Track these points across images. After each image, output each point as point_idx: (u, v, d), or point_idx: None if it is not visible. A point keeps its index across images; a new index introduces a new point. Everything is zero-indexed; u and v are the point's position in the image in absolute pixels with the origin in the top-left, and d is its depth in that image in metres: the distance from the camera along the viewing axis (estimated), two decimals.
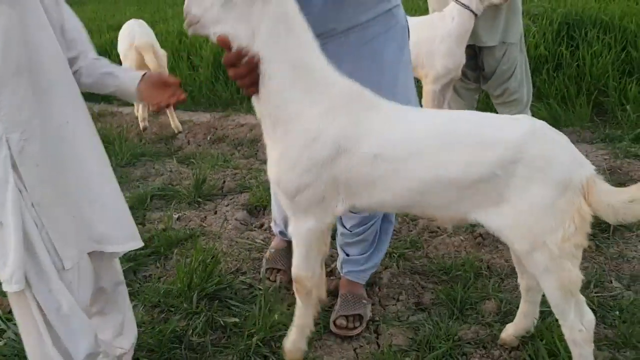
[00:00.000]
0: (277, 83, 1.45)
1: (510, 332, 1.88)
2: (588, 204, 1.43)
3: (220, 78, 5.27)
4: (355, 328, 2.03)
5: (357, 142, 1.45)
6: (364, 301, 2.13)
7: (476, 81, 3.35)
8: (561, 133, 1.49)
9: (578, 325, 1.53)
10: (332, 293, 2.19)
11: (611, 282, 2.18)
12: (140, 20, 4.54)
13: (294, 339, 1.77)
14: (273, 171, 1.55)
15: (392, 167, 1.45)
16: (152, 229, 2.89)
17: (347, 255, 2.19)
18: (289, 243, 2.30)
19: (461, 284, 2.21)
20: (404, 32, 1.99)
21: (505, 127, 1.45)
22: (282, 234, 2.39)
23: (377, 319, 2.11)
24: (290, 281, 2.11)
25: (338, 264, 2.25)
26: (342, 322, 2.03)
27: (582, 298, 1.54)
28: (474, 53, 3.23)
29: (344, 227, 2.16)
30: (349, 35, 1.89)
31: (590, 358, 1.56)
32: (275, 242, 2.47)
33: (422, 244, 2.58)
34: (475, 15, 3.03)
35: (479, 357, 1.87)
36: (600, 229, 2.48)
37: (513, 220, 1.44)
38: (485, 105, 3.78)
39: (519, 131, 1.42)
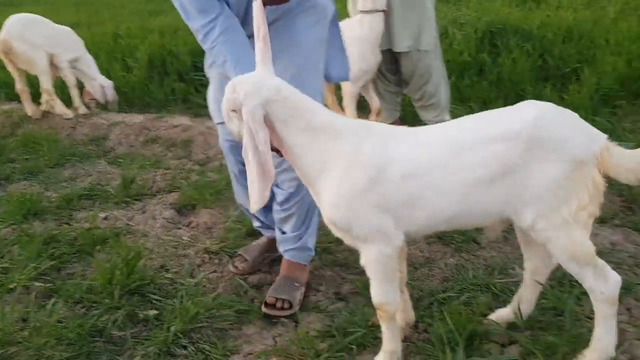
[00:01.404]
0: (297, 150, 1.63)
1: (502, 314, 1.95)
2: (606, 171, 1.54)
3: (154, 79, 5.25)
4: (283, 309, 2.12)
5: (383, 169, 1.57)
6: (296, 284, 2.21)
7: (397, 84, 3.51)
8: (567, 110, 1.61)
9: (599, 288, 1.61)
10: None
11: (514, 270, 2.34)
12: (22, 15, 4.56)
13: None
14: (326, 216, 1.67)
15: (421, 183, 1.57)
16: (77, 228, 2.87)
17: (283, 233, 2.28)
18: (269, 240, 2.45)
19: None
20: (320, 11, 2.13)
21: (513, 118, 1.56)
22: (265, 228, 2.48)
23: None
24: (248, 273, 2.38)
25: (278, 245, 2.35)
26: (271, 299, 2.13)
27: (603, 263, 1.62)
28: (394, 59, 3.39)
29: (275, 201, 2.27)
30: (278, 24, 2.03)
31: (611, 316, 1.64)
32: (261, 238, 2.54)
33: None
34: (384, 11, 3.19)
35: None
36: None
37: (531, 195, 1.54)
38: (412, 108, 3.95)
39: (526, 119, 1.54)
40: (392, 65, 3.40)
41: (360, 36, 3.24)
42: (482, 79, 4.45)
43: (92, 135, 4.40)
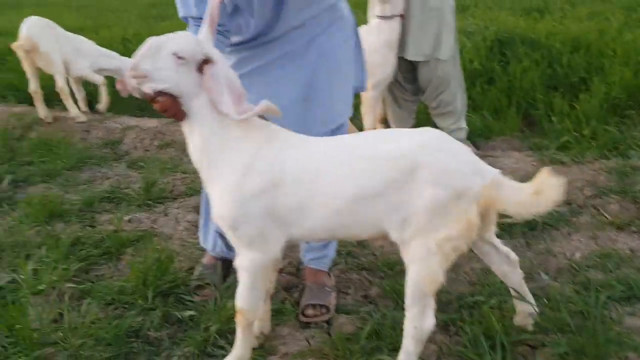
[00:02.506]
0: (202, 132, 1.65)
1: (517, 319, 1.99)
2: (495, 206, 1.58)
3: None
4: (322, 314, 2.15)
5: (277, 172, 1.61)
6: (328, 289, 2.25)
7: (414, 93, 3.56)
8: (460, 143, 1.65)
9: (416, 322, 1.66)
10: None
11: (539, 275, 2.39)
12: (36, 18, 4.62)
13: None
14: (215, 209, 1.69)
15: (307, 188, 1.60)
16: (102, 230, 2.89)
17: (307, 242, 2.31)
18: (217, 259, 2.39)
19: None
20: (348, 24, 2.16)
21: (401, 139, 1.62)
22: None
23: None
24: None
25: (301, 254, 2.37)
26: (310, 311, 2.15)
27: (433, 303, 1.67)
28: (412, 67, 3.44)
29: None
30: (294, 35, 2.04)
31: (413, 355, 1.70)
32: (206, 259, 2.47)
33: (367, 242, 2.72)
34: (401, 16, 3.22)
35: None
36: (529, 227, 2.72)
37: (405, 215, 1.58)
38: (426, 116, 4.00)
39: (415, 142, 1.59)
40: (409, 74, 3.45)
41: (380, 42, 3.28)
42: (493, 87, 4.52)
43: (106, 139, 4.42)
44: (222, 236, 2.37)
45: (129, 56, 5.20)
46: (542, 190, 1.55)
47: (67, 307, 2.20)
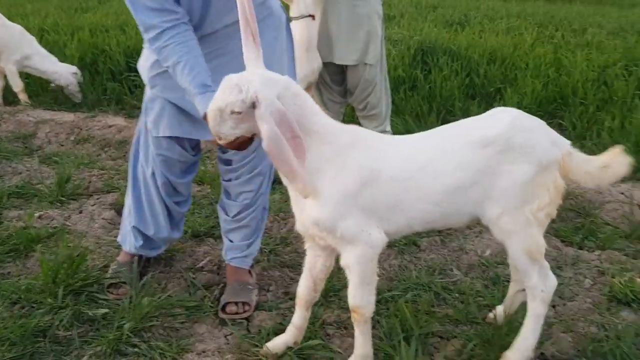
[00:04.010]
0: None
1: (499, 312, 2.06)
2: (567, 174, 1.69)
3: (85, 78, 5.07)
4: (245, 312, 2.14)
5: (372, 171, 1.63)
6: (250, 287, 2.24)
7: (342, 96, 3.62)
8: (536, 118, 1.74)
9: (541, 286, 1.75)
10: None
11: (452, 270, 2.49)
12: None
13: None
14: (313, 215, 1.65)
15: (405, 186, 1.64)
16: (10, 227, 2.73)
17: (231, 241, 2.29)
18: (133, 256, 2.33)
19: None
20: (278, 20, 2.17)
21: (489, 125, 1.69)
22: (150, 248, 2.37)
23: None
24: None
25: (223, 251, 2.34)
26: (232, 307, 2.14)
27: (547, 264, 1.78)
28: (340, 70, 3.50)
29: (227, 214, 2.28)
30: (226, 33, 2.03)
31: (542, 316, 1.78)
32: (121, 257, 2.39)
33: (291, 240, 2.73)
34: (312, 16, 3.30)
35: (339, 336, 2.05)
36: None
37: (500, 195, 1.66)
38: (352, 119, 4.07)
39: (501, 125, 1.66)
40: (337, 76, 3.51)
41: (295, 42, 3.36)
42: (415, 93, 4.67)
43: (18, 133, 4.18)
44: (140, 232, 2.31)
45: (46, 48, 5.02)
46: (610, 165, 1.70)
47: None
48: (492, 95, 4.75)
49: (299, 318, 1.92)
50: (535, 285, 1.76)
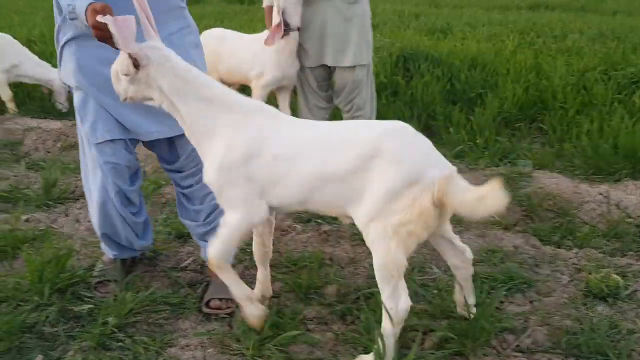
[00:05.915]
0: (190, 116, 1.82)
1: (458, 310, 2.10)
2: (443, 199, 1.66)
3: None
4: (228, 308, 2.20)
5: (261, 145, 1.76)
6: None
7: (328, 101, 3.69)
8: (422, 136, 1.78)
9: (390, 304, 1.74)
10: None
11: (431, 269, 2.56)
12: None
13: (249, 312, 1.95)
14: (205, 177, 1.86)
15: (287, 165, 1.75)
16: None
17: (207, 242, 2.33)
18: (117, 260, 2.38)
19: (306, 272, 2.45)
20: (195, 30, 2.27)
21: (366, 129, 1.77)
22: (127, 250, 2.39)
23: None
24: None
25: (201, 253, 2.41)
26: (216, 302, 2.20)
27: (404, 284, 1.76)
28: (327, 75, 3.57)
29: (196, 221, 2.34)
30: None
31: (391, 336, 1.77)
32: (105, 257, 2.43)
33: (273, 240, 2.78)
34: (298, 29, 3.44)
35: (320, 331, 2.10)
36: None
37: (364, 199, 1.71)
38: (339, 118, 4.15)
39: (376, 131, 1.73)
40: (324, 82, 3.58)
41: (276, 49, 3.58)
42: (397, 99, 4.76)
43: (5, 140, 4.22)
44: (111, 240, 2.34)
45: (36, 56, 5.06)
46: (485, 198, 1.62)
47: None
48: (473, 100, 4.84)
49: (260, 274, 2.19)
50: (385, 302, 1.75)
